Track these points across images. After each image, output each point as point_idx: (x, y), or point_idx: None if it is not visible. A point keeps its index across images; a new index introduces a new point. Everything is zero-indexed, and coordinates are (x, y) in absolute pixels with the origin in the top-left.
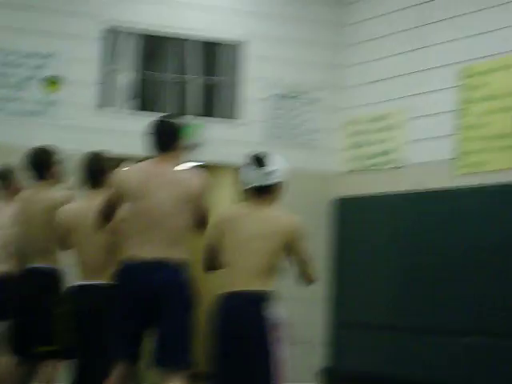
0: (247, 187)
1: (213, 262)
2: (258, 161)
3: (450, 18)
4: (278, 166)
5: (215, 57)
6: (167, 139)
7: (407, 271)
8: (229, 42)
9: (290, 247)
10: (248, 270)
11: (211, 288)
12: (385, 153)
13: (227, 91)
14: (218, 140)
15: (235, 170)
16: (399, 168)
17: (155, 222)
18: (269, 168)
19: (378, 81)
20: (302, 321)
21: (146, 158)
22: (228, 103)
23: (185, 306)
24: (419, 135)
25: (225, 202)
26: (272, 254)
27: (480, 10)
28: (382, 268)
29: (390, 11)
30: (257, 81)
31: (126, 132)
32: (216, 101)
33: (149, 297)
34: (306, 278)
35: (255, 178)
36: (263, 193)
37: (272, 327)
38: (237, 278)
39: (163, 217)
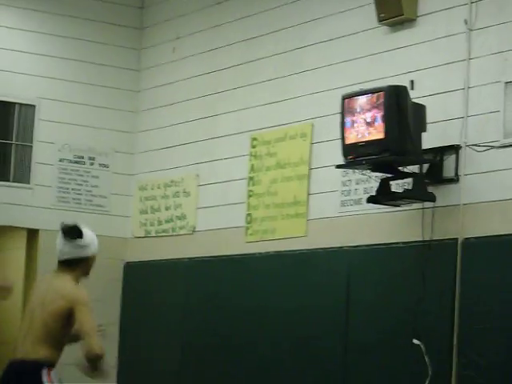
0: (57, 258)
1: None
2: (67, 233)
3: (240, 87)
4: (86, 241)
5: (7, 118)
6: None
7: (194, 337)
8: (20, 103)
9: (69, 315)
10: (26, 338)
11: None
12: (177, 218)
13: (18, 154)
14: (8, 203)
15: (25, 232)
16: (191, 234)
17: None
18: (76, 242)
19: (170, 147)
20: None
21: None
22: (18, 166)
23: None
24: (211, 202)
25: (15, 265)
26: (49, 322)
27: (268, 81)
28: (169, 334)
29: (182, 79)
30: (47, 144)
31: None
32: (6, 163)
33: None
34: (86, 349)
35: (62, 249)
36: (67, 265)
37: None
38: (18, 345)
39: None
